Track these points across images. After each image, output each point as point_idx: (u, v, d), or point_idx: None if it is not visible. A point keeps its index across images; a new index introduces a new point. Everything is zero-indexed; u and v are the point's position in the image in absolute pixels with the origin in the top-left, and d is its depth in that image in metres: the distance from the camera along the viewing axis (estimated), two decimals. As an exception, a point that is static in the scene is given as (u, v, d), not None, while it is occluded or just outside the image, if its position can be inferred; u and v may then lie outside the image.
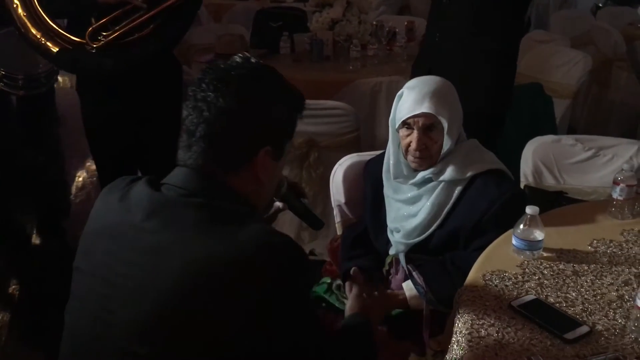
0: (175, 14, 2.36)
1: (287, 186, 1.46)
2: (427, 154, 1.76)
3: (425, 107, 1.71)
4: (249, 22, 4.58)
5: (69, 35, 2.36)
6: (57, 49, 2.35)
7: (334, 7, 3.86)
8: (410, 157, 1.78)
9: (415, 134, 1.74)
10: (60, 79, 6.18)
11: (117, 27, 2.30)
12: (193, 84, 1.18)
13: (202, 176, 1.16)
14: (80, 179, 4.06)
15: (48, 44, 2.36)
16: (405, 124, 1.76)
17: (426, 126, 1.73)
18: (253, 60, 1.22)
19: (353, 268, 1.88)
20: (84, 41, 2.31)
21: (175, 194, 1.15)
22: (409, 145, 1.76)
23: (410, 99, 1.74)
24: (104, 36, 2.31)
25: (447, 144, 1.74)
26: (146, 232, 1.11)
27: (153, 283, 1.07)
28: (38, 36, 2.36)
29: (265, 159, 1.19)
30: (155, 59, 2.40)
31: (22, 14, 2.36)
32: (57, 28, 2.37)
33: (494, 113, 2.51)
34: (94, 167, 4.16)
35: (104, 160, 2.62)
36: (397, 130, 1.80)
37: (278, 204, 1.49)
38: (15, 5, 2.35)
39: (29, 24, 2.36)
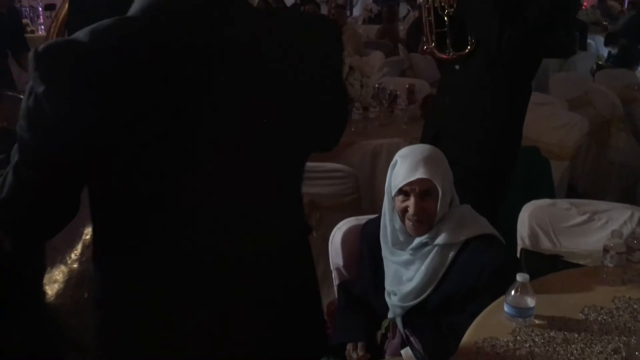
0: None
1: None
2: (425, 218, 1.80)
3: (420, 173, 1.77)
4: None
5: None
6: None
7: (336, 71, 3.95)
8: (407, 222, 1.83)
9: (412, 199, 1.80)
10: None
11: None
12: None
13: None
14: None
15: None
16: (401, 191, 1.82)
17: (422, 191, 1.79)
18: None
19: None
20: None
21: None
22: (405, 210, 1.81)
23: (405, 167, 1.81)
24: None
25: (442, 208, 1.80)
26: None
27: None
28: None
29: None
30: None
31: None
32: None
33: (499, 172, 2.56)
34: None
35: None
36: (393, 198, 1.85)
37: None
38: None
39: None
